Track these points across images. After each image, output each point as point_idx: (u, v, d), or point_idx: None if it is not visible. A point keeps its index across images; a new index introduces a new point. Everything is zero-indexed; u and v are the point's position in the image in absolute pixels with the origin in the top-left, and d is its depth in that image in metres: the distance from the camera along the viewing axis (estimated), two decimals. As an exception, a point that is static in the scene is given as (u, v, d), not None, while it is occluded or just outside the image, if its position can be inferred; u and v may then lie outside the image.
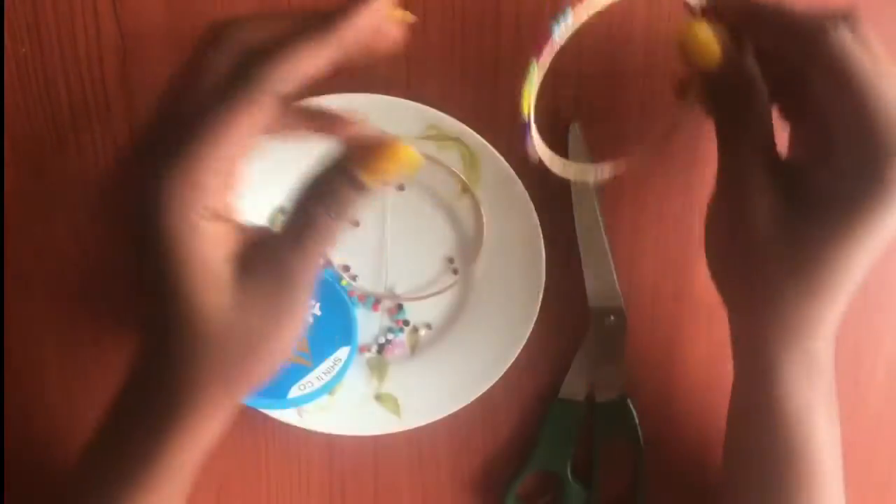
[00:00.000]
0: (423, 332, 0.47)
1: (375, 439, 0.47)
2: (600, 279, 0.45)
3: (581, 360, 0.46)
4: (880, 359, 0.48)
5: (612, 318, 0.46)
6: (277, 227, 0.31)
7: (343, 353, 0.42)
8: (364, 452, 0.49)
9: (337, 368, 0.42)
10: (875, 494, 0.50)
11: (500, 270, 0.45)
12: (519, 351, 0.45)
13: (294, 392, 0.42)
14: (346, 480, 0.49)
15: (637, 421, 0.47)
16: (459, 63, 0.44)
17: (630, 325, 0.46)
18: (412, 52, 0.43)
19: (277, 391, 0.42)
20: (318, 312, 0.41)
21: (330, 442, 0.48)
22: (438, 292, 0.46)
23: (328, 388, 0.43)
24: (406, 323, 0.47)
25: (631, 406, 0.47)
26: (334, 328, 0.42)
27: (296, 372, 0.42)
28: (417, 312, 0.47)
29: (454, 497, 0.49)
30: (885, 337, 0.48)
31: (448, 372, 0.46)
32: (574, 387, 0.47)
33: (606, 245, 0.45)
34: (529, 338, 0.45)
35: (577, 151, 0.44)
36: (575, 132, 0.43)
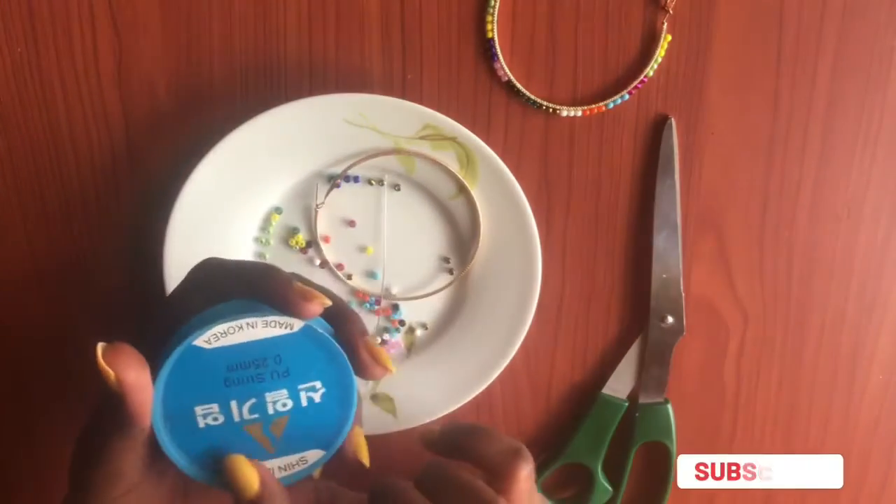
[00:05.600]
0: (419, 332, 0.47)
1: (371, 439, 0.47)
2: (668, 280, 0.46)
3: (630, 359, 0.47)
4: (875, 363, 0.48)
5: (670, 320, 0.46)
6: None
7: (313, 456, 0.33)
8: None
9: (297, 469, 0.33)
10: (870, 498, 0.50)
11: (495, 270, 0.45)
12: (515, 351, 0.45)
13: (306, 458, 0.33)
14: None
15: (675, 428, 0.47)
16: (457, 62, 0.44)
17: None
18: (408, 51, 0.43)
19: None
20: (318, 399, 0.32)
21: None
22: (434, 292, 0.46)
23: (327, 455, 0.34)
24: (402, 323, 0.47)
25: (671, 412, 0.47)
26: (320, 425, 0.33)
27: (253, 451, 0.32)
28: (413, 312, 0.47)
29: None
30: (880, 341, 0.48)
31: (444, 372, 0.46)
32: (619, 384, 0.47)
33: (679, 243, 0.45)
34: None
35: (668, 147, 0.44)
36: (670, 128, 0.44)
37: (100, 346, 0.28)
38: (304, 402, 0.32)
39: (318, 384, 0.32)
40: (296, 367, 0.31)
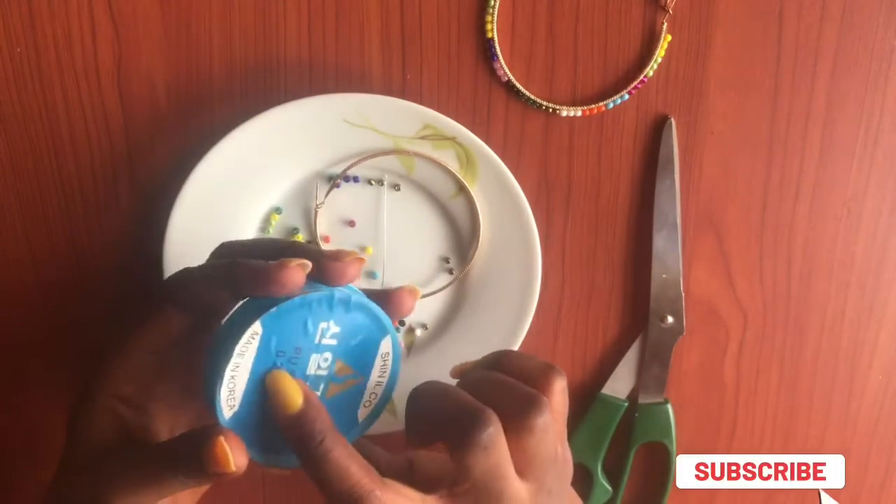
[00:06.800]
0: (418, 332, 0.47)
1: (371, 439, 0.47)
2: (668, 280, 0.46)
3: (630, 359, 0.47)
4: (875, 363, 0.48)
5: (670, 320, 0.46)
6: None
7: (386, 345, 0.36)
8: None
9: (389, 364, 0.36)
10: (870, 497, 0.50)
11: (495, 270, 0.45)
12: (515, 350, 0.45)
13: (363, 412, 0.37)
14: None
15: (674, 428, 0.47)
16: (457, 62, 0.44)
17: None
18: (408, 51, 0.43)
19: (347, 421, 0.36)
20: (336, 328, 0.34)
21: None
22: (434, 292, 0.46)
23: (391, 389, 0.37)
24: (402, 323, 0.47)
25: (671, 412, 0.47)
26: (362, 329, 0.35)
27: (354, 394, 0.36)
28: (413, 312, 0.46)
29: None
30: (880, 341, 0.48)
31: (444, 372, 0.46)
32: (619, 384, 0.47)
33: (679, 243, 0.45)
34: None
35: (668, 147, 0.44)
36: (670, 128, 0.44)
37: (221, 438, 0.29)
38: (333, 341, 0.34)
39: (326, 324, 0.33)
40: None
